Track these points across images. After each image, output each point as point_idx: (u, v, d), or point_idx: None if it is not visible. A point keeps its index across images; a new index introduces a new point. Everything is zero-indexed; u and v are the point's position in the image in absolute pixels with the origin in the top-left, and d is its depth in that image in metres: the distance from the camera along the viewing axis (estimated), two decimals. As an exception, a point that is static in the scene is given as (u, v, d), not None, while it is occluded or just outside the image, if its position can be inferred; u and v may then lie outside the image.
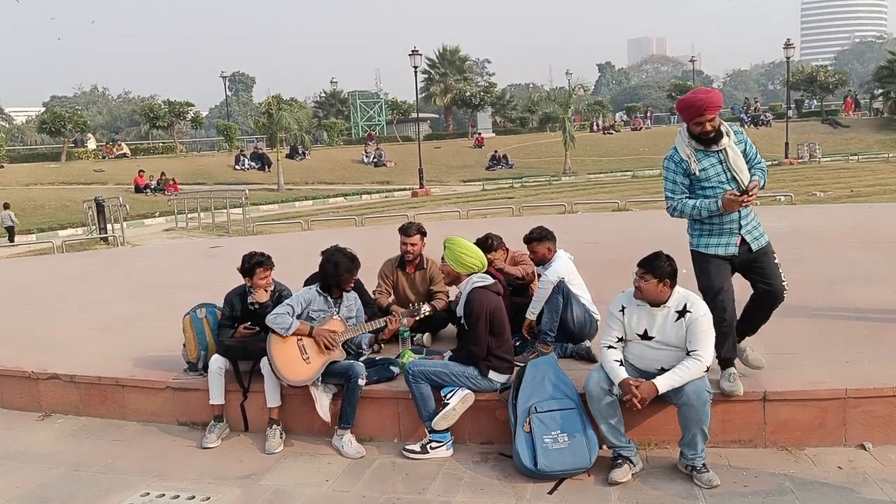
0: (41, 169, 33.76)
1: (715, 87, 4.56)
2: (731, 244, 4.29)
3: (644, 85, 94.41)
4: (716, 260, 4.27)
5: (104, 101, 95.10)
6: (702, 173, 4.24)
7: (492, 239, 5.67)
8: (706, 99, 4.11)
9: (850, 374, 4.53)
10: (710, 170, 4.23)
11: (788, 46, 38.63)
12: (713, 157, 4.22)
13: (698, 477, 3.89)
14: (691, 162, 4.23)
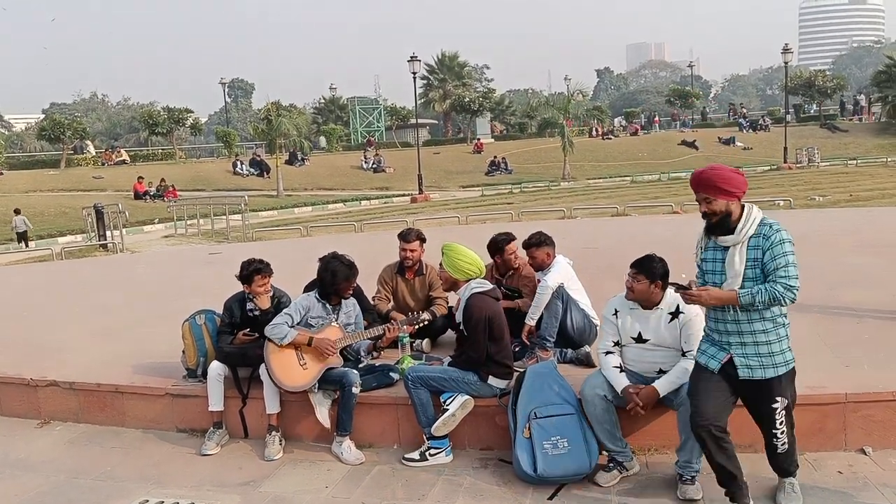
0: (40, 176, 33.77)
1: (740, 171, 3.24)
2: (715, 358, 3.52)
3: (643, 90, 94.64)
4: (705, 370, 3.55)
5: (103, 107, 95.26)
6: (703, 264, 3.58)
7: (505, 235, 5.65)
8: (695, 175, 3.48)
9: (849, 378, 4.53)
10: (709, 264, 3.53)
11: (787, 51, 38.75)
12: (718, 251, 3.48)
13: (680, 487, 3.87)
14: (697, 248, 3.63)
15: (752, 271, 3.36)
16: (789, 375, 3.48)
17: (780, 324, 3.45)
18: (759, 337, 3.40)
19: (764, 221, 3.39)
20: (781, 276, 3.27)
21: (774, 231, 3.35)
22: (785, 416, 3.48)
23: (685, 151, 41.23)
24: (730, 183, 3.38)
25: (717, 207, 3.40)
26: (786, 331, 3.47)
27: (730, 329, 3.46)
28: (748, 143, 42.91)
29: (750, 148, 41.82)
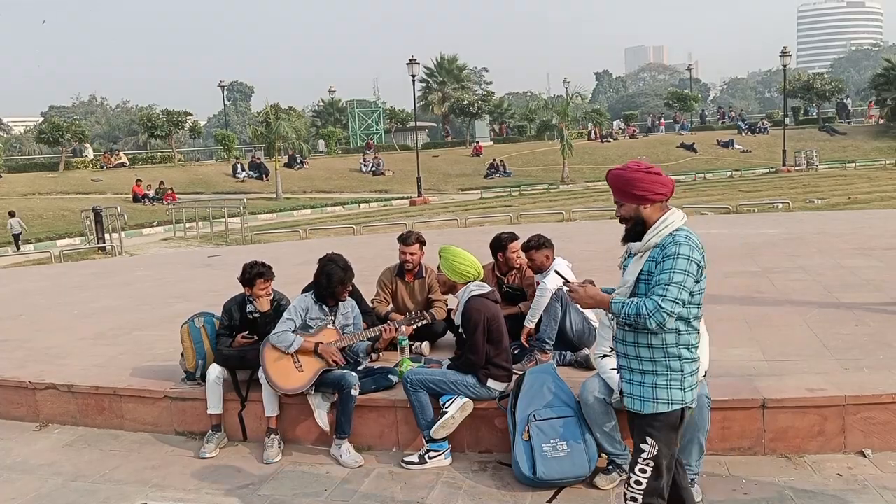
0: (39, 178, 33.73)
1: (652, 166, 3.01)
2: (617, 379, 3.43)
3: (641, 93, 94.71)
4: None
5: (102, 110, 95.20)
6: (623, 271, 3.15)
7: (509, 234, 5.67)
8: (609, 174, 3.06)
9: (848, 380, 4.52)
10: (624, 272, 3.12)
11: (785, 54, 38.76)
12: (629, 259, 3.08)
13: None
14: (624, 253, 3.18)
15: (645, 285, 2.89)
16: (669, 419, 2.88)
17: (674, 357, 2.86)
18: (645, 365, 2.91)
19: (676, 231, 2.84)
20: (658, 293, 2.77)
21: (675, 243, 2.79)
22: (650, 468, 2.89)
23: (684, 154, 41.26)
24: (634, 185, 2.89)
25: (624, 212, 2.99)
26: (681, 367, 2.88)
27: (619, 350, 3.09)
28: (747, 145, 42.93)
29: (749, 150, 41.85)
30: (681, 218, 2.92)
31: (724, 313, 6.46)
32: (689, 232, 2.86)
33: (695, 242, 2.83)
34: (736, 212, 16.74)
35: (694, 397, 2.95)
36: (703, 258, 2.85)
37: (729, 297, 7.11)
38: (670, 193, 2.95)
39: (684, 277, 2.76)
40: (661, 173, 2.94)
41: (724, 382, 4.54)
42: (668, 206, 2.95)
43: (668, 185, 2.94)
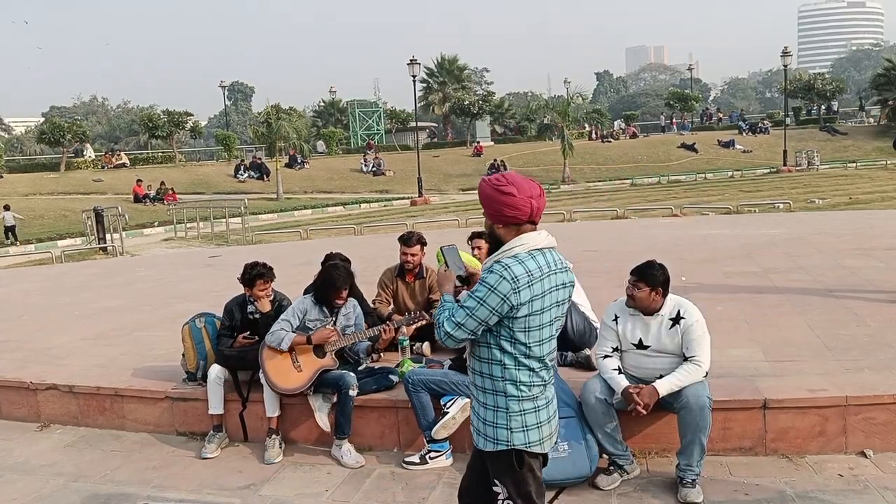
0: (40, 179, 33.77)
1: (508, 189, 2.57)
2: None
3: (642, 93, 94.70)
4: None
5: (103, 111, 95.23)
6: None
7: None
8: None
9: (849, 381, 4.52)
10: None
11: (786, 54, 38.79)
12: None
13: (681, 490, 3.86)
14: None
15: None
16: (501, 459, 2.64)
17: (500, 391, 2.61)
18: (479, 395, 2.69)
19: (503, 259, 2.56)
20: (452, 310, 2.65)
21: (488, 270, 2.57)
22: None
23: (685, 154, 41.29)
24: (485, 202, 2.64)
25: (485, 226, 2.76)
26: (506, 404, 2.61)
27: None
28: (748, 145, 42.95)
29: (750, 151, 41.87)
30: (532, 245, 2.57)
31: (724, 313, 6.47)
32: (520, 261, 2.52)
33: (512, 275, 2.49)
34: (737, 212, 16.75)
35: (529, 440, 2.60)
36: (516, 294, 2.49)
37: (729, 297, 7.11)
38: (527, 218, 2.57)
39: (477, 305, 2.53)
40: (517, 194, 2.55)
41: (725, 383, 4.54)
42: (526, 229, 2.59)
43: (523, 208, 2.55)
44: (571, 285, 2.75)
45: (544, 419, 2.67)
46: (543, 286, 2.57)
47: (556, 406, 2.75)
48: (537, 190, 2.64)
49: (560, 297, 2.67)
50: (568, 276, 2.72)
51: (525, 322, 2.57)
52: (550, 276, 2.60)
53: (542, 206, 2.64)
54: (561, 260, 2.69)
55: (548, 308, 2.61)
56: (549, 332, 2.66)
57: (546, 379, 2.70)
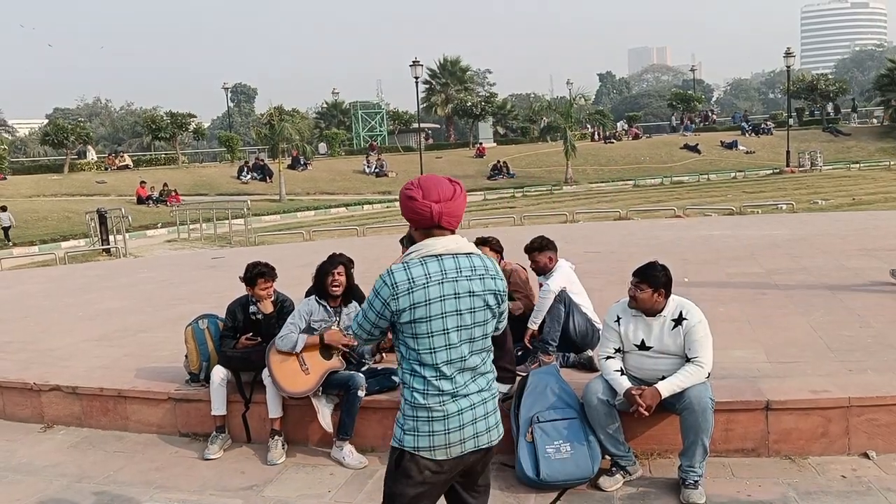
0: (44, 180, 33.86)
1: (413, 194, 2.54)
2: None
3: (645, 94, 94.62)
4: None
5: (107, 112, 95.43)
6: None
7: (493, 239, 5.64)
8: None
9: (852, 382, 4.52)
10: None
11: (789, 55, 38.76)
12: None
13: (683, 492, 3.85)
14: None
15: None
16: (393, 456, 2.60)
17: (407, 386, 2.57)
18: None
19: (396, 264, 2.59)
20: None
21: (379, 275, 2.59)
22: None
23: (687, 155, 41.23)
24: (400, 207, 2.66)
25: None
26: (403, 405, 2.59)
27: None
28: (751, 146, 42.89)
29: (753, 151, 41.79)
30: (426, 252, 2.53)
31: (727, 314, 6.47)
32: (406, 267, 2.52)
33: (392, 281, 2.50)
34: (739, 213, 16.74)
35: (418, 445, 2.52)
36: (395, 300, 2.49)
37: (732, 298, 7.11)
38: (430, 222, 2.53)
39: (367, 308, 2.59)
40: (419, 198, 2.52)
41: (728, 384, 4.54)
42: (435, 234, 2.55)
43: (423, 212, 2.51)
44: (492, 293, 2.58)
45: (439, 430, 2.52)
46: (430, 294, 2.49)
47: (470, 419, 2.54)
48: (448, 194, 2.53)
49: (463, 306, 2.51)
50: (482, 283, 2.55)
51: (412, 329, 2.52)
52: (444, 283, 2.50)
53: (448, 211, 2.52)
54: (475, 266, 2.56)
55: (438, 316, 2.50)
56: (445, 341, 2.51)
57: (446, 390, 2.52)
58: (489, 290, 2.59)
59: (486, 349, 2.67)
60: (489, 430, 2.61)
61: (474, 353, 2.60)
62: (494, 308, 2.62)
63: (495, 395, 2.68)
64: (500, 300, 2.64)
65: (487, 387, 2.64)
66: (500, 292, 2.63)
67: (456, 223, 2.58)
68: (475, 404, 2.58)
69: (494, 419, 2.64)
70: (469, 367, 2.58)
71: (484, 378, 2.64)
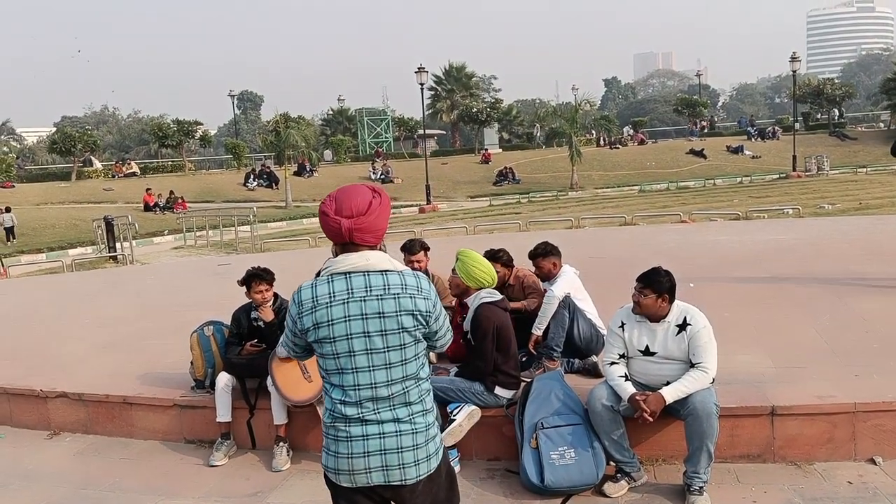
0: (52, 188, 34.06)
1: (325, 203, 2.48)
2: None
3: (650, 99, 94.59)
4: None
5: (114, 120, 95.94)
6: None
7: (503, 253, 5.65)
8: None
9: (859, 387, 4.49)
10: None
11: (794, 60, 38.70)
12: None
13: (688, 498, 3.85)
14: None
15: None
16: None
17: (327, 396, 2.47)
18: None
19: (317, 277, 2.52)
20: None
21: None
22: None
23: (693, 160, 41.17)
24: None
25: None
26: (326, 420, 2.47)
27: None
28: (757, 151, 42.81)
29: (759, 156, 41.72)
30: (333, 269, 2.41)
31: (732, 319, 6.43)
32: (313, 286, 2.41)
33: (298, 299, 2.41)
34: (745, 218, 16.68)
35: (327, 463, 2.45)
36: (300, 318, 2.40)
37: (737, 303, 7.08)
38: (340, 239, 2.42)
39: (286, 324, 2.52)
40: (330, 214, 2.41)
41: (733, 389, 4.52)
42: (349, 250, 2.42)
43: (333, 228, 2.41)
44: (409, 314, 2.36)
45: (343, 452, 2.39)
46: (332, 314, 2.35)
47: (377, 448, 2.36)
48: (362, 208, 2.38)
49: (372, 328, 2.34)
50: (395, 303, 2.35)
51: (320, 348, 2.41)
52: (349, 303, 2.35)
53: (361, 227, 2.37)
54: (389, 285, 2.37)
55: (343, 338, 2.35)
56: (351, 364, 2.36)
57: (350, 415, 2.36)
58: (405, 310, 2.36)
59: (411, 377, 2.40)
60: (403, 467, 2.36)
61: (393, 381, 2.37)
62: (413, 330, 2.38)
63: (423, 431, 2.40)
64: (423, 321, 2.39)
65: (409, 419, 2.38)
66: (422, 312, 2.38)
67: (373, 239, 2.41)
68: (386, 434, 2.35)
69: (413, 456, 2.36)
70: (382, 395, 2.36)
71: (406, 409, 2.38)
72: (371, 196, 2.41)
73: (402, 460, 2.36)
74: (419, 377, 2.42)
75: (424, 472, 2.39)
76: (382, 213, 2.42)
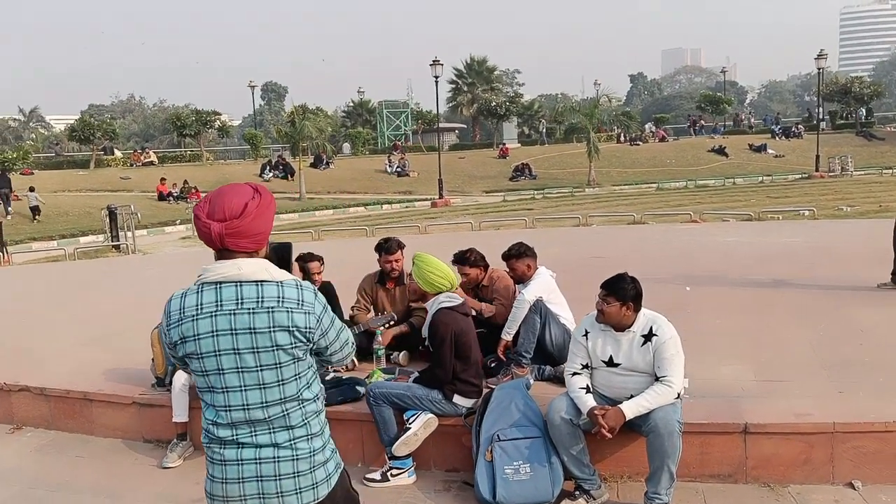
0: (70, 176, 34.33)
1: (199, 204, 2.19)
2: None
3: (676, 95, 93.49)
4: None
5: (140, 109, 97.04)
6: None
7: (472, 254, 5.44)
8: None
9: (841, 405, 4.23)
10: None
11: (821, 57, 37.80)
12: None
13: None
14: None
15: None
16: None
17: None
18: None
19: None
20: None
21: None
22: None
23: (714, 158, 40.47)
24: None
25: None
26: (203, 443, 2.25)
27: None
28: (781, 150, 41.98)
29: (782, 155, 40.89)
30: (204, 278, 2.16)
31: (723, 327, 6.19)
32: (183, 296, 2.18)
33: (168, 309, 2.19)
34: (758, 219, 16.23)
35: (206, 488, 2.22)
36: (169, 331, 2.17)
37: (732, 309, 6.81)
38: (213, 245, 2.16)
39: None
40: (201, 217, 2.14)
41: (707, 403, 4.29)
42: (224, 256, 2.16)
43: (203, 232, 2.15)
44: (285, 330, 2.09)
45: (218, 476, 2.16)
46: (199, 328, 2.11)
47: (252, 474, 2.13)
48: (236, 210, 2.10)
49: (242, 345, 2.09)
50: (269, 318, 2.09)
51: (190, 363, 2.18)
52: (217, 316, 2.10)
53: (235, 232, 2.10)
54: (264, 297, 2.10)
55: (211, 354, 2.10)
56: (221, 384, 2.12)
57: (223, 437, 2.14)
58: (279, 326, 2.09)
59: (291, 398, 2.15)
60: (282, 496, 2.13)
61: (269, 403, 2.12)
62: (290, 348, 2.10)
63: (307, 457, 2.16)
64: (302, 338, 2.12)
65: (290, 444, 2.15)
66: (300, 328, 2.11)
67: (251, 244, 2.14)
68: (263, 460, 2.12)
69: (294, 484, 2.14)
70: (257, 417, 2.12)
71: (286, 433, 2.14)
72: (249, 197, 2.13)
73: (281, 488, 2.13)
74: (302, 398, 2.17)
75: (309, 501, 2.17)
76: (261, 215, 2.14)
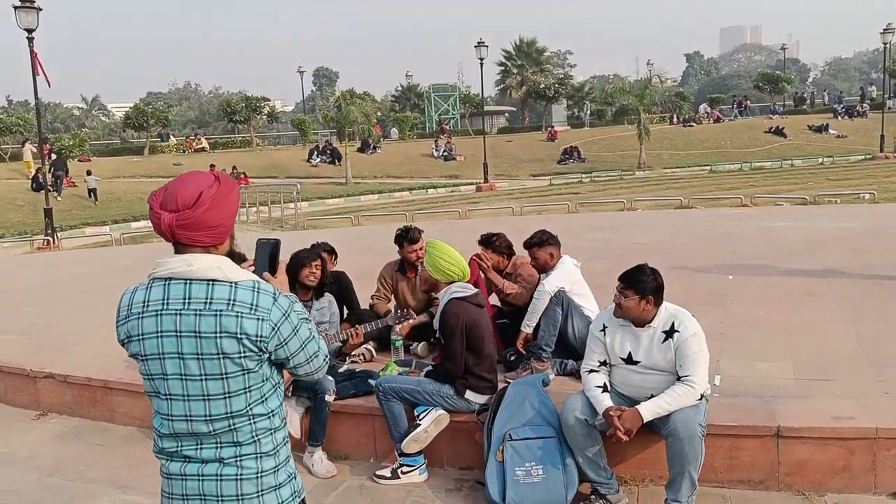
0: (124, 163, 35.18)
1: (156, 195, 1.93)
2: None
3: (734, 74, 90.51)
4: None
5: (196, 96, 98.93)
6: None
7: (499, 239, 5.22)
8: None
9: (887, 408, 3.90)
10: None
11: (888, 31, 35.93)
12: None
13: None
14: None
15: None
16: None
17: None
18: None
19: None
20: None
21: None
22: None
23: (772, 140, 39.06)
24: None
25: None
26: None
27: None
28: (843, 130, 40.23)
29: (844, 136, 39.20)
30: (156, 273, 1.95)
31: (764, 319, 5.83)
32: (133, 291, 1.99)
33: (119, 304, 2.01)
34: (814, 203, 15.50)
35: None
36: (118, 327, 1.99)
37: (775, 299, 6.44)
38: (165, 237, 1.94)
39: None
40: (154, 207, 1.92)
41: (739, 403, 4.02)
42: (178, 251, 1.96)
43: (155, 223, 1.93)
44: (233, 338, 1.85)
45: (165, 490, 2.01)
46: (143, 326, 1.91)
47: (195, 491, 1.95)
48: (189, 200, 1.87)
49: (187, 349, 1.87)
50: (216, 322, 1.85)
51: (140, 365, 1.98)
52: (162, 315, 1.89)
53: (187, 223, 1.87)
54: (212, 299, 1.87)
55: (155, 356, 1.90)
56: (165, 389, 1.92)
57: (167, 448, 1.97)
58: (226, 332, 1.85)
59: (239, 413, 1.91)
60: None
61: (215, 417, 1.90)
62: (237, 357, 1.87)
63: (254, 478, 1.94)
64: (254, 347, 1.87)
65: (235, 462, 1.93)
66: (250, 336, 1.86)
67: (207, 239, 1.91)
68: (205, 477, 1.93)
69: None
70: (201, 431, 1.91)
71: (233, 449, 1.93)
72: (206, 186, 1.90)
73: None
74: (253, 414, 1.93)
75: None
76: (218, 205, 1.90)
